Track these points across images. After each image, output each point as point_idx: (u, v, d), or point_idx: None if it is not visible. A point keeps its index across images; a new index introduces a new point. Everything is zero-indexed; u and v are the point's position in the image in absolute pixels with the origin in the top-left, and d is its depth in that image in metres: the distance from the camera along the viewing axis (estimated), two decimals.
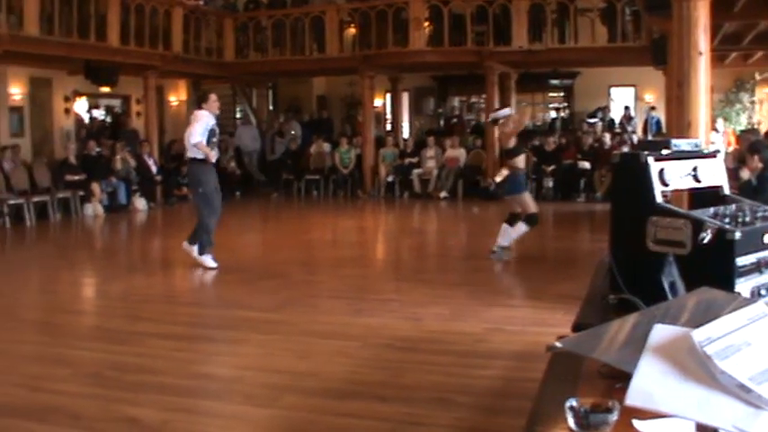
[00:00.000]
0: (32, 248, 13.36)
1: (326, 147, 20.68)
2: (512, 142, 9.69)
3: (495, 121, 10.12)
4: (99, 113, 21.96)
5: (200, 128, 9.63)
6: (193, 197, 10.55)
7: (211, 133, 9.79)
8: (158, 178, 18.33)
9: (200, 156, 9.69)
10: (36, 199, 15.59)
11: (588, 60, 18.52)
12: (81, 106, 19.61)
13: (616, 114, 21.31)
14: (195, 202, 10.25)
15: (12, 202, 15.12)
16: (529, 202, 9.76)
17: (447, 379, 5.24)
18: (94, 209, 16.46)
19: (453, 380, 5.21)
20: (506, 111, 10.43)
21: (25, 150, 17.12)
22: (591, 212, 15.79)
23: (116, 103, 21.95)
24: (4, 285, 9.85)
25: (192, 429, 4.50)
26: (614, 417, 1.66)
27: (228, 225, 15.85)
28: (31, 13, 14.33)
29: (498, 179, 9.91)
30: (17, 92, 17.25)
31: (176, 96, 22.99)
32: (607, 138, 18.29)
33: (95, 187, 16.55)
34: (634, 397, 1.72)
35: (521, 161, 9.72)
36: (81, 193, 16.42)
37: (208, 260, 9.88)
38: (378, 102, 22.85)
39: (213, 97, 10.05)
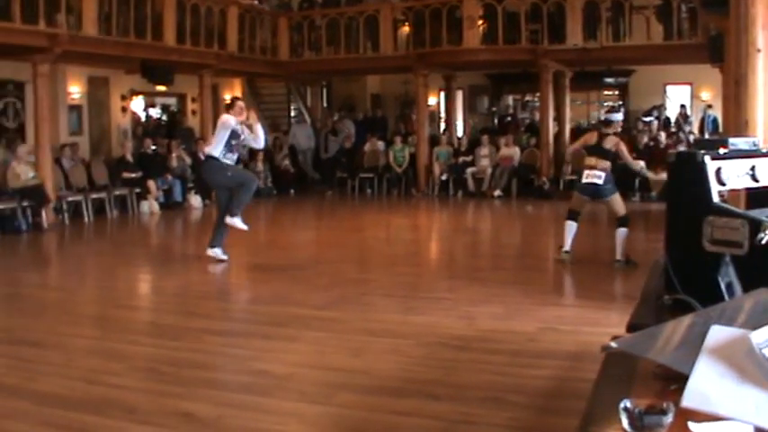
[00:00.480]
0: (90, 244, 13.57)
1: (380, 145, 20.69)
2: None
3: (609, 123, 9.95)
4: (155, 112, 22.21)
5: (220, 133, 10.11)
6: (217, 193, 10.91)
7: (233, 135, 10.14)
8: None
9: (215, 153, 10.12)
10: (94, 196, 15.82)
11: (643, 58, 18.32)
12: (138, 105, 19.85)
13: (672, 113, 21.05)
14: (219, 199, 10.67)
15: (70, 198, 15.37)
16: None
17: (500, 378, 5.22)
18: (150, 206, 16.65)
19: (506, 379, 5.19)
20: (619, 116, 10.32)
21: (83, 148, 17.38)
22: (646, 212, 15.61)
23: (172, 101, 22.18)
24: (62, 280, 10.04)
25: (246, 425, 4.53)
26: (669, 419, 1.64)
27: (283, 223, 15.99)
28: (90, 14, 14.52)
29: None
30: (76, 91, 17.51)
31: (231, 94, 23.11)
32: (662, 136, 18.07)
33: (151, 185, 16.74)
34: (690, 399, 1.70)
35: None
36: (137, 190, 16.63)
37: (218, 252, 10.38)
38: (432, 100, 22.82)
39: (240, 104, 10.48)
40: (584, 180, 9.55)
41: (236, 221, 10.25)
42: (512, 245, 12.31)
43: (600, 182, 9.36)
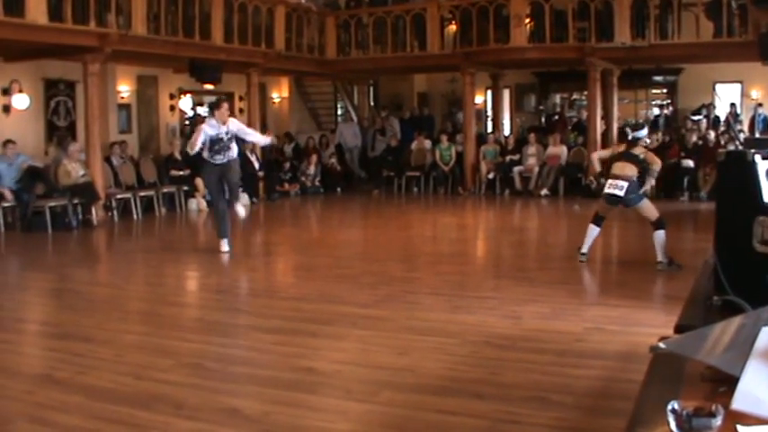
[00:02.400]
0: (139, 241, 13.71)
1: (427, 144, 20.66)
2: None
3: (636, 141, 9.80)
4: (203, 110, 22.37)
5: (198, 138, 10.59)
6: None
7: (213, 141, 10.70)
8: (261, 174, 18.58)
9: (205, 155, 10.76)
10: (142, 194, 16.01)
11: (692, 56, 18.11)
12: (186, 103, 20.01)
13: (721, 111, 20.78)
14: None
15: (120, 196, 15.56)
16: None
17: (545, 378, 5.20)
18: (198, 203, 16.79)
19: (552, 379, 5.17)
20: (644, 131, 10.18)
21: (132, 146, 17.58)
22: (694, 212, 15.47)
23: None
24: (112, 277, 10.16)
25: (292, 422, 4.56)
26: (718, 422, 1.63)
27: (329, 221, 16.04)
28: (139, 14, 14.67)
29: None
30: (125, 89, 17.71)
31: (279, 93, 23.27)
32: (712, 135, 17.84)
33: (199, 182, 16.84)
34: (741, 401, 1.69)
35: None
36: (185, 188, 16.78)
37: (222, 244, 10.98)
38: (479, 98, 22.75)
39: (225, 106, 10.99)
40: (606, 190, 9.44)
41: (221, 243, 11.02)
42: (558, 244, 12.24)
43: (621, 193, 9.17)
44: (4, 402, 4.96)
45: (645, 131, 9.99)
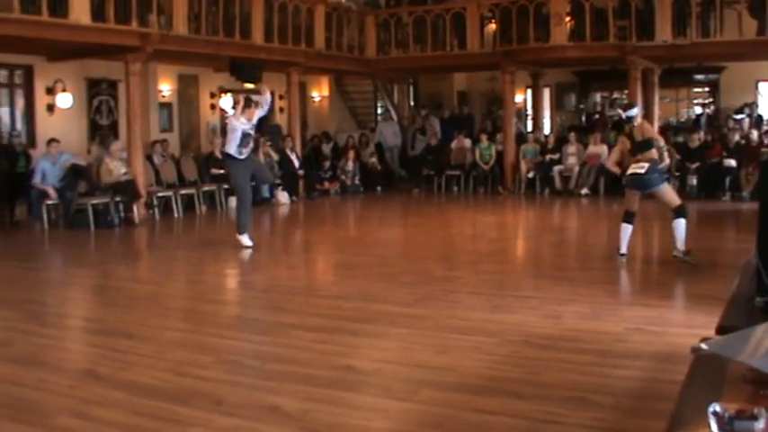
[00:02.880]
0: (179, 239, 13.81)
1: (467, 142, 20.61)
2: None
3: (630, 120, 9.83)
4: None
5: (231, 136, 11.06)
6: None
7: (244, 135, 11.05)
8: (301, 173, 18.65)
9: (231, 151, 11.01)
10: (183, 192, 16.12)
11: (735, 54, 17.91)
12: (226, 102, 20.11)
13: (764, 110, 20.55)
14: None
15: (161, 194, 15.69)
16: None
17: (585, 378, 5.18)
18: None
19: (592, 379, 5.15)
20: (636, 110, 10.14)
21: (173, 145, 17.74)
22: (736, 212, 15.31)
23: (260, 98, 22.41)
24: (153, 274, 10.26)
25: (332, 420, 4.58)
26: (761, 425, 1.62)
27: (369, 220, 16.07)
28: (180, 14, 14.79)
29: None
30: (166, 89, 17.88)
31: (319, 92, 23.35)
32: (754, 134, 17.65)
33: None
34: None
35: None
36: (226, 186, 16.85)
37: (245, 239, 11.23)
38: (518, 97, 22.67)
39: (243, 104, 11.43)
40: (628, 173, 9.46)
41: (243, 238, 11.19)
42: (598, 244, 12.17)
43: (642, 171, 9.20)
44: (47, 396, 5.03)
45: (636, 110, 9.96)
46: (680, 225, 9.14)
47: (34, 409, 4.77)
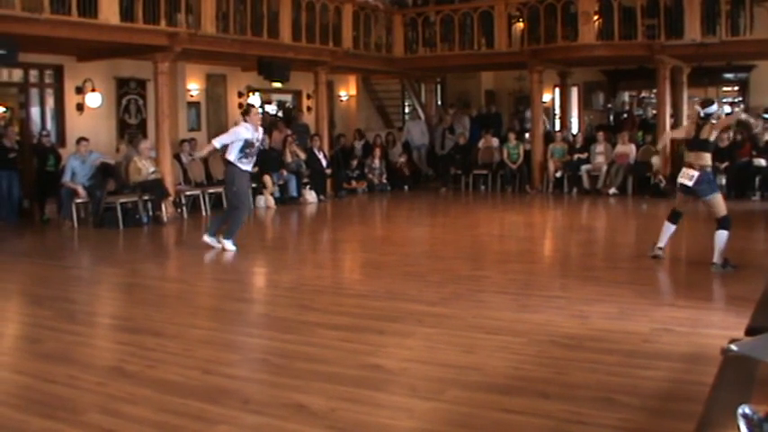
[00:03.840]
0: None
1: (495, 142, 20.58)
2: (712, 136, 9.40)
3: (707, 117, 9.62)
4: (271, 108, 22.55)
5: (227, 138, 10.96)
6: (227, 193, 11.77)
7: (246, 144, 10.84)
8: (328, 171, 18.69)
9: (231, 159, 10.86)
10: (211, 191, 16.19)
11: (765, 53, 17.75)
12: (254, 101, 20.18)
13: None
14: (229, 198, 11.52)
15: (189, 193, 15.78)
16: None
17: (612, 378, 5.16)
18: (266, 200, 16.93)
19: (619, 380, 5.13)
20: (714, 107, 9.95)
21: (202, 144, 17.77)
22: (767, 211, 15.20)
23: (287, 97, 22.53)
24: (181, 273, 10.31)
25: (358, 419, 4.58)
26: None
27: (397, 219, 16.08)
28: (208, 13, 14.86)
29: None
30: (194, 88, 17.96)
31: (346, 91, 23.38)
32: None
33: (268, 179, 17.02)
34: None
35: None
36: (254, 185, 16.91)
37: (228, 244, 11.04)
38: (546, 96, 22.59)
39: (254, 111, 11.24)
40: (678, 179, 9.35)
41: (228, 243, 11.03)
42: (626, 244, 12.11)
43: (690, 183, 9.06)
44: (77, 393, 5.07)
45: (715, 107, 9.70)
46: (721, 237, 9.02)
47: (64, 406, 4.81)
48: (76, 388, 5.17)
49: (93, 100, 15.66)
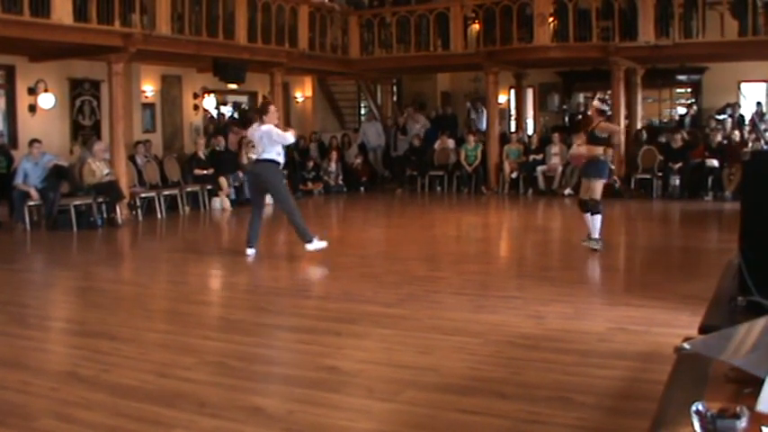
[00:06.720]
0: (163, 240, 13.78)
1: (451, 143, 20.65)
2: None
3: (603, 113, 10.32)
4: (226, 109, 22.44)
5: (280, 138, 10.39)
6: (274, 194, 11.19)
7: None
8: (285, 173, 18.61)
9: (271, 157, 10.45)
10: (166, 192, 16.11)
11: (717, 55, 17.99)
12: (209, 102, 20.08)
13: (746, 110, 20.64)
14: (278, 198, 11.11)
15: (144, 195, 15.65)
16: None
17: (568, 378, 5.19)
18: (222, 202, 16.87)
19: (575, 379, 5.16)
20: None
21: (156, 145, 17.69)
22: (719, 211, 15.38)
23: (243, 99, 22.43)
24: (136, 275, 10.22)
25: (316, 421, 4.57)
26: (743, 423, 1.62)
27: (353, 221, 16.06)
28: (163, 14, 14.75)
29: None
30: (149, 89, 17.82)
31: (302, 92, 23.33)
32: (737, 135, 17.77)
33: (223, 181, 16.96)
34: (766, 403, 1.68)
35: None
36: (209, 187, 16.86)
37: (314, 245, 10.61)
38: (502, 98, 22.70)
39: (272, 109, 10.70)
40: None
41: (313, 245, 10.62)
42: (581, 244, 12.20)
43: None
44: (29, 399, 5.00)
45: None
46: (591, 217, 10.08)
47: (16, 412, 4.74)
48: (29, 394, 5.10)
49: (46, 101, 15.47)
